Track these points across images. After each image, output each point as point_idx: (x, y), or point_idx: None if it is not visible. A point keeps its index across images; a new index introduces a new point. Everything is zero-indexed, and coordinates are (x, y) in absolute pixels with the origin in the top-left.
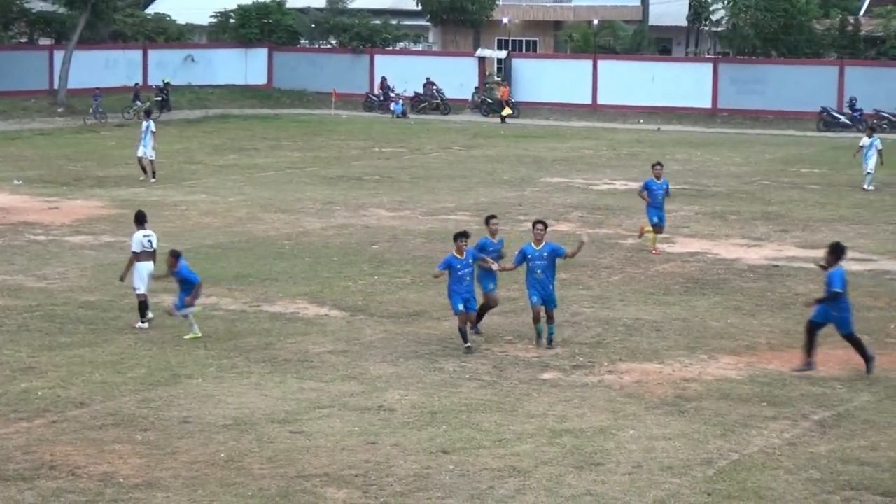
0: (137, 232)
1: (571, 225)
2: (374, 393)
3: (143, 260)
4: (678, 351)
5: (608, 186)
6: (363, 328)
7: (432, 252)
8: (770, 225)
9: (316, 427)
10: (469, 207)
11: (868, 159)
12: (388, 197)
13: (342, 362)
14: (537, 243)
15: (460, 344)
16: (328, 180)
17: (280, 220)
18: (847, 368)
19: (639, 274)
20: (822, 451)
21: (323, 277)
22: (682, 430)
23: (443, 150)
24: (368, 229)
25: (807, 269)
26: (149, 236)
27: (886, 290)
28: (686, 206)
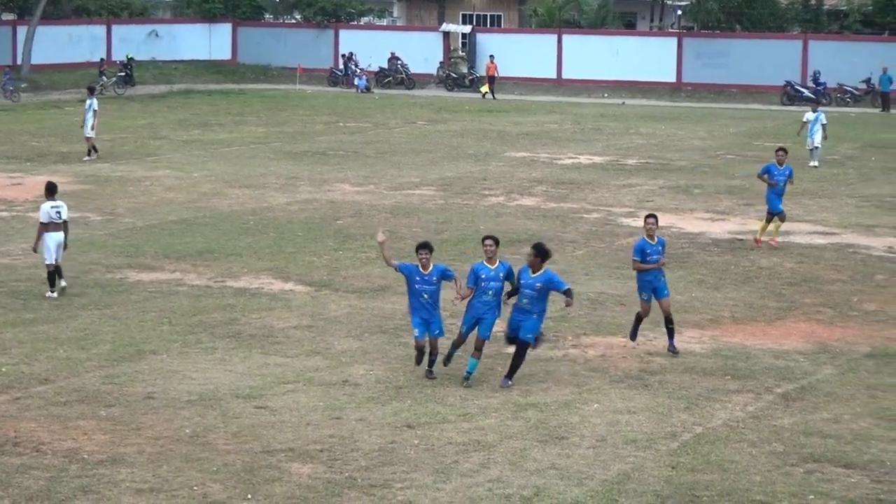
0: (46, 203)
1: (536, 199)
2: (338, 368)
3: (51, 231)
4: (642, 325)
5: (572, 161)
6: (328, 303)
7: (397, 227)
8: (734, 199)
9: (281, 402)
10: (434, 182)
11: (813, 135)
12: (352, 172)
13: (307, 337)
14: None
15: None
16: (292, 155)
17: (244, 196)
18: (810, 342)
19: (603, 248)
20: (785, 424)
21: (287, 252)
22: (646, 404)
23: (407, 125)
24: (333, 204)
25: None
26: (57, 207)
27: (849, 264)
28: (650, 181)
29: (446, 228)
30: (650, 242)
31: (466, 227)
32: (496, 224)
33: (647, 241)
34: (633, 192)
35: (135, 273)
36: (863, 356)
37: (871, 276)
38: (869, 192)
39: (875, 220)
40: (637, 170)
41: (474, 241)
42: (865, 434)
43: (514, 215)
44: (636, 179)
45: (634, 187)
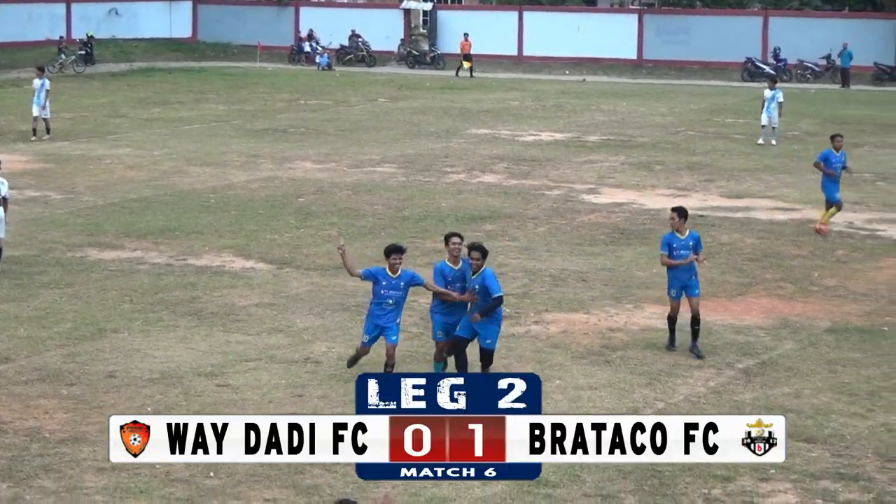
0: None
1: (497, 176)
2: (300, 345)
3: None
4: (604, 301)
5: (534, 138)
6: (289, 281)
7: (358, 204)
8: (695, 175)
9: (242, 380)
10: (395, 160)
11: (770, 112)
12: (313, 149)
13: (268, 315)
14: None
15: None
16: (253, 133)
17: (205, 174)
18: (771, 317)
19: (564, 225)
20: (746, 399)
21: (249, 230)
22: (608, 380)
23: (368, 102)
24: (294, 182)
25: (732, 219)
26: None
27: (810, 239)
28: (611, 157)
29: (407, 206)
30: (678, 237)
31: (428, 205)
32: (457, 201)
33: (674, 234)
34: (595, 169)
35: (96, 251)
36: (823, 331)
37: (832, 252)
38: None
39: None
40: (598, 146)
41: (435, 218)
42: (826, 408)
43: (476, 192)
44: (597, 156)
45: (596, 164)
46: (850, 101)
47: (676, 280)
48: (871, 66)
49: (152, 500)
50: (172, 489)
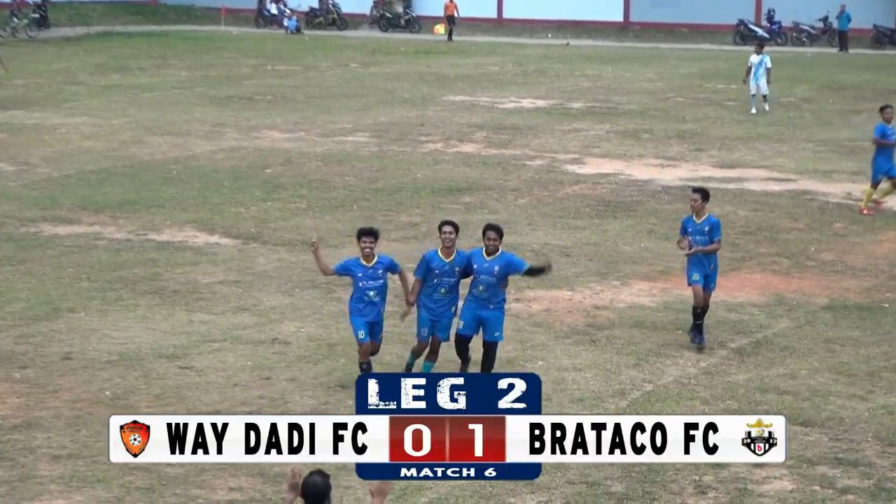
0: None
1: (476, 145)
2: (267, 325)
3: None
4: (589, 277)
5: (514, 105)
6: (256, 257)
7: (328, 176)
8: (685, 144)
9: (206, 362)
10: (368, 128)
11: (758, 79)
12: (281, 118)
13: (234, 293)
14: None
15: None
16: (218, 101)
17: (167, 144)
18: (765, 294)
19: (547, 196)
20: (739, 380)
21: (213, 203)
22: (594, 361)
23: (339, 67)
24: (261, 152)
25: (723, 190)
26: None
27: (806, 211)
28: (597, 125)
29: (381, 177)
30: (694, 220)
31: (402, 176)
32: (434, 172)
33: (691, 218)
34: (579, 138)
35: (51, 226)
36: (820, 308)
37: (829, 225)
38: (826, 137)
39: (832, 166)
40: (583, 114)
41: (411, 190)
42: (823, 390)
43: (453, 163)
44: (582, 124)
45: (580, 132)
46: (848, 66)
47: (695, 267)
48: (870, 28)
49: (111, 490)
50: (132, 478)
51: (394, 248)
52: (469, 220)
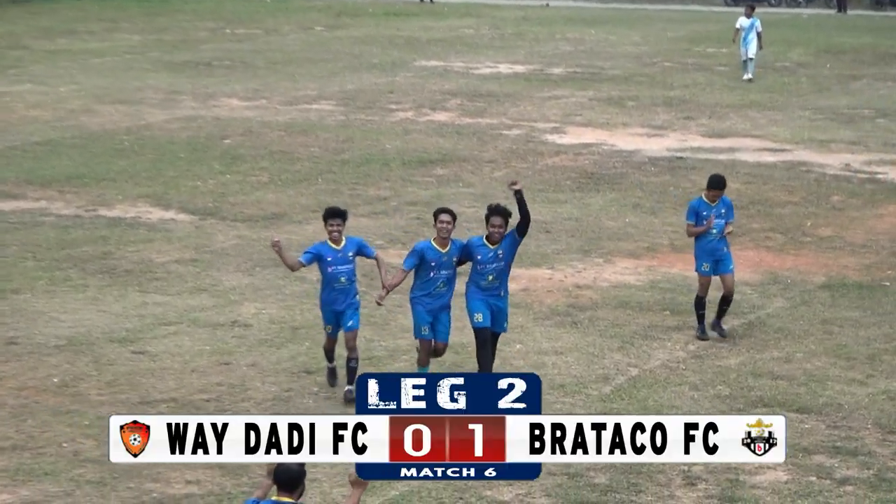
0: None
1: (449, 114)
2: (227, 307)
3: None
4: (570, 254)
5: (491, 70)
6: (214, 234)
7: (291, 147)
8: (673, 112)
9: (161, 346)
10: (333, 96)
11: (747, 43)
12: (241, 85)
13: (190, 272)
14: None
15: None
16: (173, 66)
17: (118, 113)
18: (759, 272)
19: (525, 169)
20: (731, 364)
21: (168, 177)
22: (576, 343)
23: (303, 30)
24: (219, 121)
25: (714, 161)
26: None
27: (802, 184)
28: (579, 92)
29: (348, 148)
30: (708, 203)
31: (370, 147)
32: (405, 143)
33: (703, 200)
34: (560, 106)
35: None
36: (817, 287)
37: (826, 198)
38: (823, 104)
39: (830, 135)
40: (563, 80)
41: (379, 162)
42: (820, 374)
43: (425, 132)
44: (562, 91)
45: (561, 100)
46: (846, 28)
47: (706, 252)
48: None
49: (59, 483)
50: (82, 470)
51: (362, 224)
52: (442, 194)
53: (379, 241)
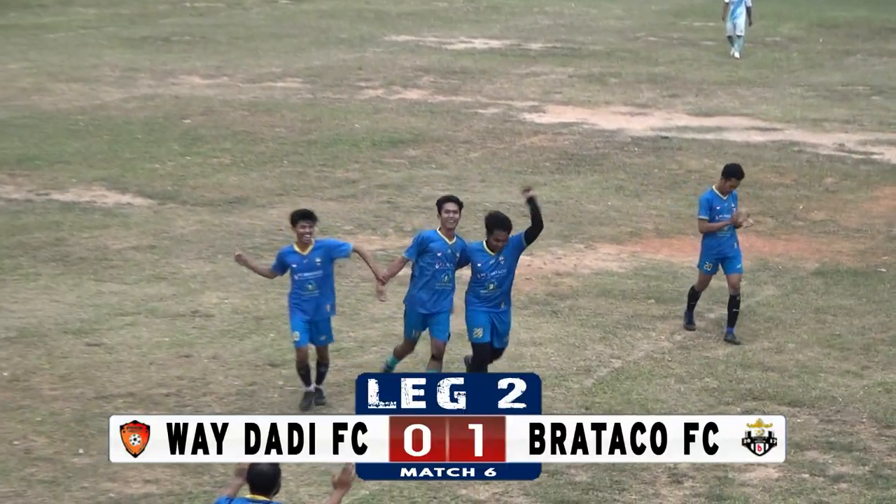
0: None
1: (422, 92)
2: (187, 296)
3: None
4: (550, 240)
5: (465, 45)
6: (174, 219)
7: (255, 127)
8: (657, 89)
9: (118, 338)
10: (299, 73)
11: (735, 18)
12: (201, 61)
13: (149, 260)
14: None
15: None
16: (130, 42)
17: (73, 91)
18: (749, 258)
19: (502, 149)
20: (719, 356)
21: (125, 159)
22: (556, 334)
23: (267, 4)
24: (179, 100)
25: (701, 141)
26: None
27: (794, 165)
28: (558, 69)
29: (315, 128)
30: (720, 197)
31: (339, 127)
32: (374, 122)
33: (715, 193)
34: (538, 83)
35: None
36: (810, 274)
37: (819, 180)
38: (816, 80)
39: (823, 114)
40: (542, 56)
41: (348, 142)
42: (813, 366)
43: (396, 111)
44: (541, 67)
45: (539, 77)
46: (840, 1)
47: (713, 250)
48: None
49: (9, 483)
50: (34, 469)
51: (330, 209)
52: (414, 176)
53: (348, 225)
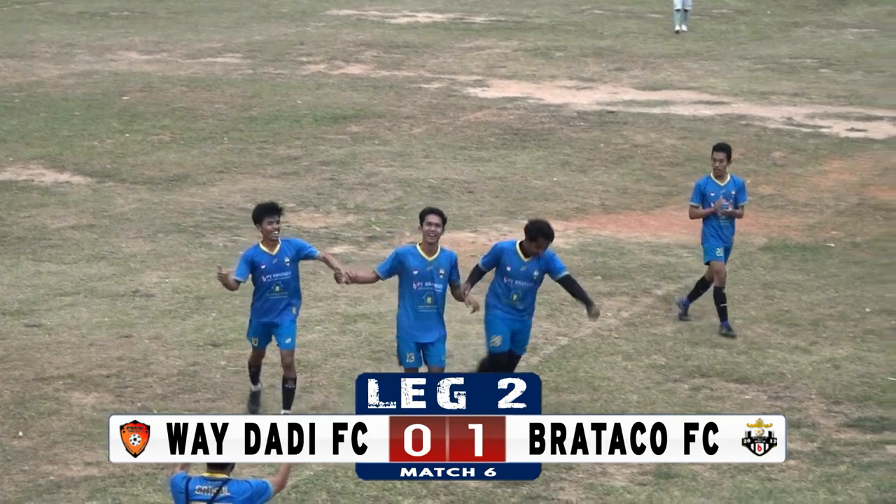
0: None
1: (364, 67)
2: (127, 275)
3: None
4: (494, 216)
5: (408, 19)
6: (113, 197)
7: (195, 103)
8: (603, 63)
9: (57, 319)
10: (240, 48)
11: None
12: (140, 37)
13: (88, 239)
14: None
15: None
16: (67, 17)
17: (7, 68)
18: (695, 233)
19: (446, 125)
20: (666, 332)
21: (62, 136)
22: None
23: None
24: (117, 77)
25: (648, 116)
26: None
27: (741, 139)
28: (502, 42)
29: (256, 104)
30: (716, 182)
31: (280, 103)
32: (316, 98)
33: (710, 179)
34: (482, 57)
35: None
36: (758, 249)
37: (767, 154)
38: (764, 53)
39: (771, 86)
40: (486, 29)
41: (290, 118)
42: (761, 342)
43: (339, 86)
44: (485, 41)
45: (483, 51)
46: None
47: (716, 237)
48: None
49: None
50: None
51: (272, 186)
52: (357, 153)
53: (290, 202)
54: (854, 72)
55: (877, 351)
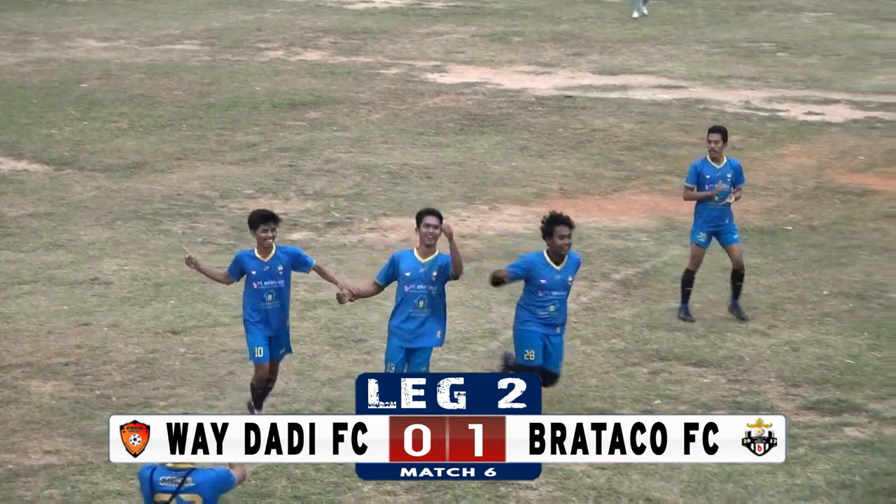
0: None
1: (322, 53)
2: (85, 263)
3: None
4: (453, 201)
5: (366, 5)
6: (71, 185)
7: (153, 90)
8: (561, 48)
9: (15, 307)
10: (198, 34)
11: None
12: (97, 24)
13: (46, 227)
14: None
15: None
16: (23, 4)
17: None
18: (654, 217)
19: (405, 110)
20: (625, 316)
21: (20, 124)
22: (459, 297)
23: None
24: (75, 64)
25: (606, 100)
26: None
27: (699, 123)
28: (460, 28)
29: (214, 91)
30: (712, 165)
31: (238, 89)
32: (274, 84)
33: (707, 162)
34: (440, 43)
35: None
36: None
37: None
38: (721, 37)
39: (729, 70)
40: (444, 14)
41: (248, 105)
42: (720, 326)
43: (297, 73)
44: (443, 26)
45: (441, 36)
46: None
47: (706, 221)
48: None
49: None
50: None
51: (230, 173)
52: (316, 139)
53: (248, 189)
54: (811, 55)
55: (835, 333)
